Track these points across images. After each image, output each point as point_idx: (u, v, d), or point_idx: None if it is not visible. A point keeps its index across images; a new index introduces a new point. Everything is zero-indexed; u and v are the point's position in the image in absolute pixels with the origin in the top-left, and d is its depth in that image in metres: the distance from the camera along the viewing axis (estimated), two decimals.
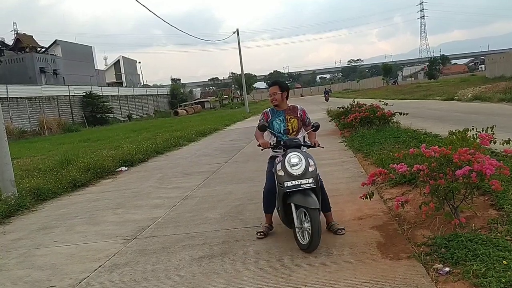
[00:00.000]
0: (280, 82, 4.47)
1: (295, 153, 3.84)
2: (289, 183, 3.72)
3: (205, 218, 5.21)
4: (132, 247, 4.43)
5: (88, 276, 3.75)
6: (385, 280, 2.99)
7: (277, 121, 4.25)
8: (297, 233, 3.78)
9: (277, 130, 4.22)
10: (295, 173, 3.73)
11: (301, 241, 3.74)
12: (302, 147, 4.05)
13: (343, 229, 4.10)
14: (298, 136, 4.19)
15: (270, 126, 4.23)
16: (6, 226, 5.97)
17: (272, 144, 4.13)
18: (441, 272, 2.95)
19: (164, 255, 4.07)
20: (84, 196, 7.60)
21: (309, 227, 3.60)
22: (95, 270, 3.88)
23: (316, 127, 4.23)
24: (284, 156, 3.86)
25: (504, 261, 2.86)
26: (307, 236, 3.68)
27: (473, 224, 3.70)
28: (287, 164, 3.77)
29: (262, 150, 4.28)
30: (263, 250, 3.86)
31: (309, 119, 4.37)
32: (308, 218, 3.63)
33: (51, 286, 3.65)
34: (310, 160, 3.83)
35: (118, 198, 7.04)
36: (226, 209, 5.51)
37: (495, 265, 2.84)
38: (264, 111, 4.43)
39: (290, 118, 4.25)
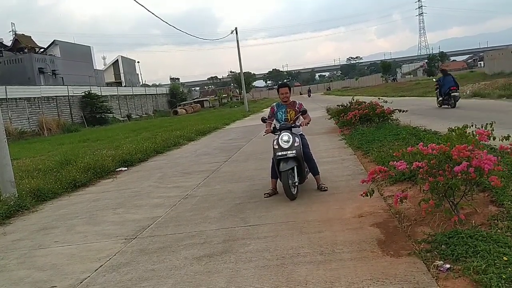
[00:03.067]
0: (288, 84, 6.26)
1: (286, 133, 5.51)
2: (279, 153, 5.41)
3: (205, 217, 5.21)
4: (133, 246, 4.43)
5: (89, 276, 3.75)
6: (386, 277, 2.99)
7: (280, 112, 5.95)
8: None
9: (280, 118, 5.89)
10: (284, 146, 5.39)
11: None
12: (292, 129, 5.63)
13: (326, 187, 5.72)
14: (296, 122, 5.83)
15: (275, 116, 5.95)
16: (7, 227, 5.98)
17: (272, 129, 5.90)
18: (442, 269, 2.95)
19: (165, 254, 4.07)
20: (84, 196, 7.61)
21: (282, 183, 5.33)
22: (96, 270, 3.89)
23: (302, 112, 5.89)
24: (279, 135, 5.53)
25: (504, 257, 2.87)
26: (293, 189, 5.40)
27: (473, 221, 3.70)
28: (280, 140, 5.44)
29: (264, 135, 6.32)
30: (264, 248, 3.87)
31: (305, 109, 5.95)
32: (291, 176, 5.36)
33: (52, 286, 3.65)
34: (296, 138, 5.48)
35: (118, 198, 7.04)
36: (226, 208, 5.51)
37: (495, 261, 2.84)
38: (272, 105, 6.18)
39: (290, 110, 5.92)
